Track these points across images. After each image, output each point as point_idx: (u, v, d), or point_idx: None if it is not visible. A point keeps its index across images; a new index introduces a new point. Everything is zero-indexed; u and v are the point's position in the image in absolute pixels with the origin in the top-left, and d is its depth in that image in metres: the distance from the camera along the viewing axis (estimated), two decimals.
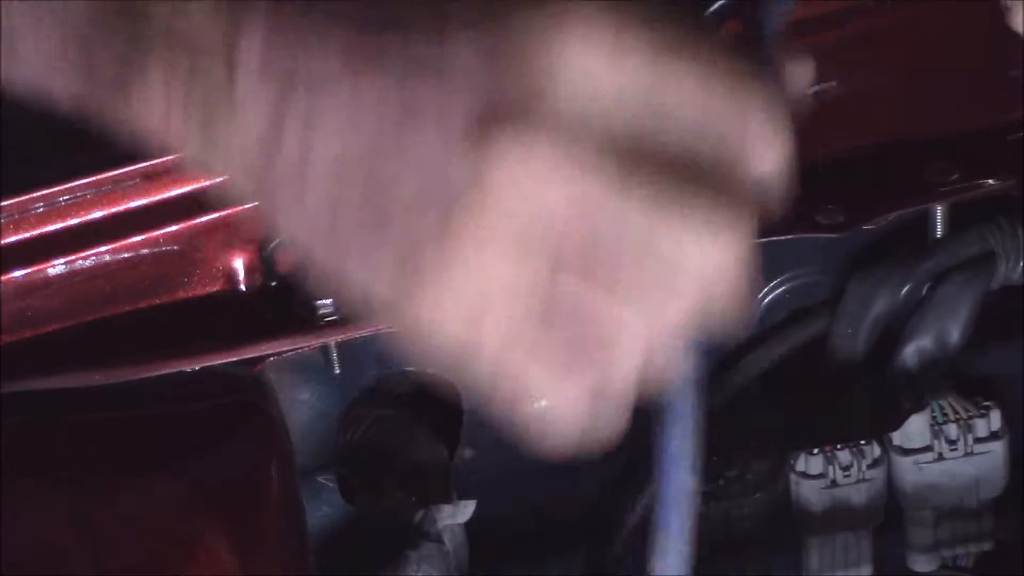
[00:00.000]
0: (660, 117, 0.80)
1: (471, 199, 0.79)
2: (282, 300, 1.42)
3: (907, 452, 1.69)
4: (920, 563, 1.76)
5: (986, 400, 1.72)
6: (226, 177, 0.85)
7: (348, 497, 1.62)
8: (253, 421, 1.38)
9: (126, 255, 1.42)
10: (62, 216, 1.40)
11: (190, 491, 1.34)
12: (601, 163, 0.79)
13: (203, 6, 0.82)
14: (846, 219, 1.48)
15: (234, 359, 1.39)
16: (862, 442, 1.69)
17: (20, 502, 1.31)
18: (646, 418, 1.55)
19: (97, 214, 1.41)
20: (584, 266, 0.81)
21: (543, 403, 0.84)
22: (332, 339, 1.41)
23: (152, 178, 1.42)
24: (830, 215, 1.48)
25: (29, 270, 1.39)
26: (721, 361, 1.69)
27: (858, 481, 1.68)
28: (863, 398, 1.65)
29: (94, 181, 1.41)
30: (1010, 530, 1.82)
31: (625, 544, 1.73)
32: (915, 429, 1.69)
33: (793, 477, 1.69)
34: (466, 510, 1.49)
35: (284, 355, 1.40)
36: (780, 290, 1.67)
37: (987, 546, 1.76)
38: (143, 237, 1.42)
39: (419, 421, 1.61)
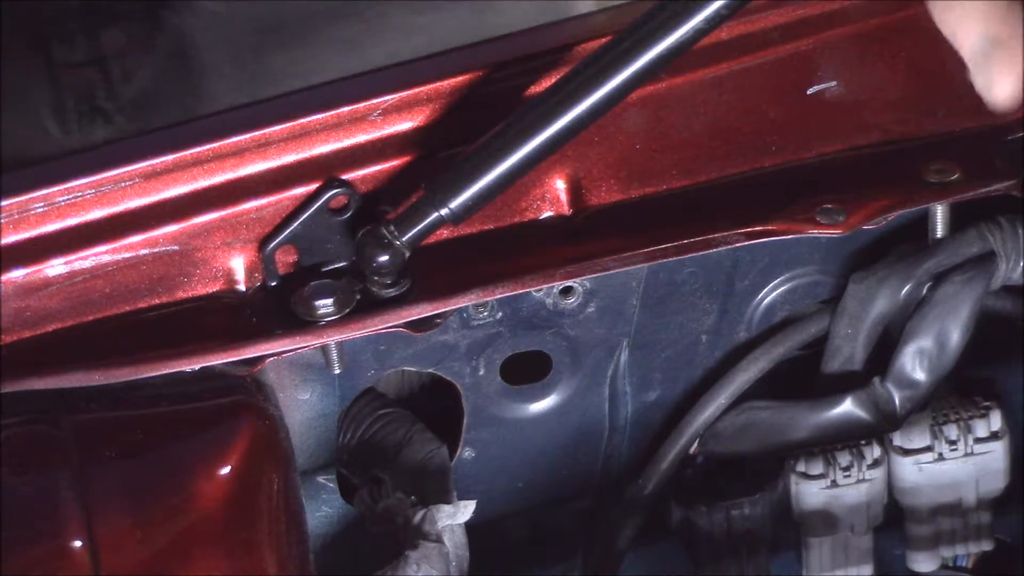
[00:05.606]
0: None
1: None
2: (282, 300, 1.42)
3: (907, 452, 1.69)
4: (920, 563, 1.76)
5: (986, 400, 1.72)
6: None
7: (348, 497, 1.62)
8: (253, 421, 1.38)
9: (126, 255, 1.41)
10: (62, 216, 1.40)
11: (190, 490, 1.34)
12: None
13: None
14: (846, 219, 1.48)
15: (234, 359, 1.39)
16: (862, 442, 1.69)
17: (21, 501, 1.31)
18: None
19: (97, 214, 1.41)
20: None
21: None
22: (332, 339, 1.41)
23: (152, 178, 1.42)
24: (830, 215, 1.48)
25: (29, 270, 1.39)
26: (723, 360, 1.69)
27: (858, 481, 1.68)
28: (863, 398, 1.65)
29: (94, 181, 1.41)
30: (1010, 530, 1.83)
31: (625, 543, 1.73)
32: (915, 429, 1.69)
33: (793, 477, 1.69)
34: (466, 510, 1.49)
35: (284, 355, 1.40)
36: (780, 290, 1.67)
37: (987, 546, 1.76)
38: (143, 237, 1.42)
39: (419, 421, 1.61)
